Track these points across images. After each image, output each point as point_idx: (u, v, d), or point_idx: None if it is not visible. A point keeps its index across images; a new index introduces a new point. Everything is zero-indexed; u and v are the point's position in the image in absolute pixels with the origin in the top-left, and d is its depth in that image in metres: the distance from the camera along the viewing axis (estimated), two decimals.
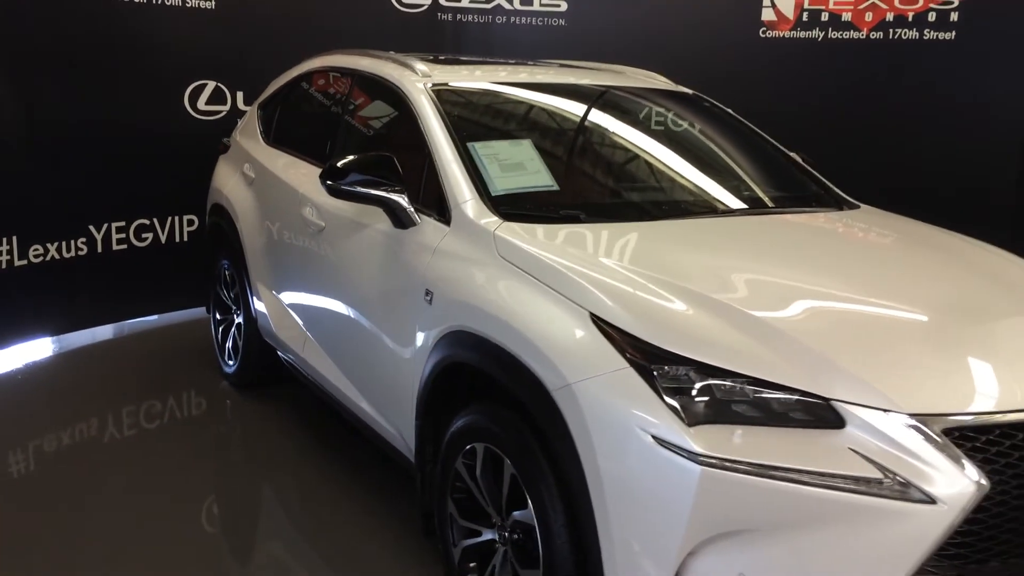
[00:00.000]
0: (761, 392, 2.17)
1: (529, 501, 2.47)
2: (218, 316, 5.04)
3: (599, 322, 2.34)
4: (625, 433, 2.18)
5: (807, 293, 2.59)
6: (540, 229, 2.81)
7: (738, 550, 2.10)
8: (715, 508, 2.08)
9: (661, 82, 4.20)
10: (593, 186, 3.40)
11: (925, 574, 2.06)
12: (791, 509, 2.06)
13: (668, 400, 2.15)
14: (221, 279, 4.93)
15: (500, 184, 3.04)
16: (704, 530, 2.09)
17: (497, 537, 2.69)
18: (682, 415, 2.12)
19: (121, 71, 5.56)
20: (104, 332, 5.83)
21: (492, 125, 3.53)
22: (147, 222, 5.88)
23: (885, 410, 2.11)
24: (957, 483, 2.04)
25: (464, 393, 2.83)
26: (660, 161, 3.54)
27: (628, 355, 2.24)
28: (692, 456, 2.07)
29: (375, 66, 3.82)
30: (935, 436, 2.08)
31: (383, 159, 3.14)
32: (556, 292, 2.48)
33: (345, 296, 3.52)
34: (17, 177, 5.16)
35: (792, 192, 3.58)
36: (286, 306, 4.14)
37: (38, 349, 5.40)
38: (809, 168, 3.82)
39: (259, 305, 4.39)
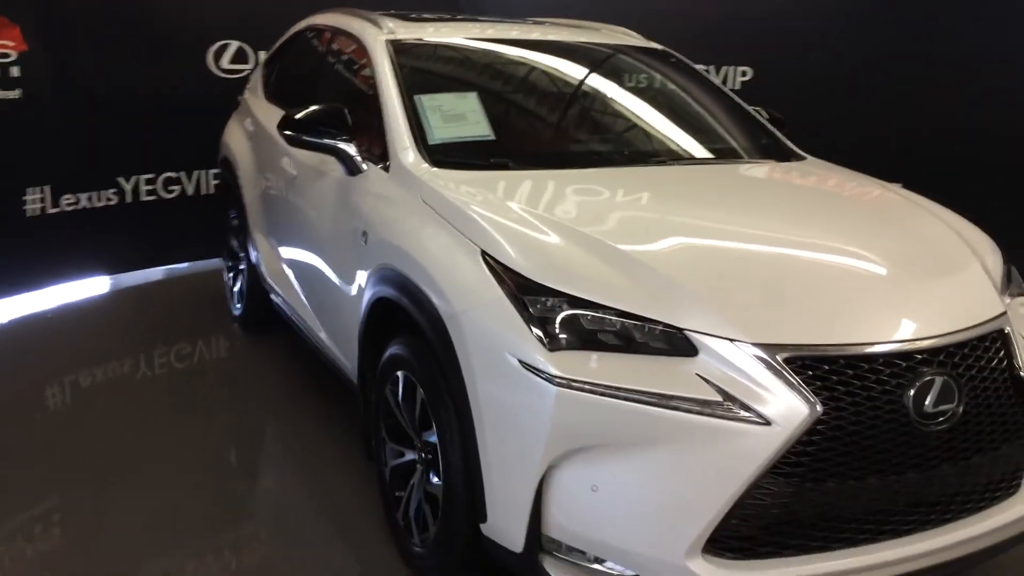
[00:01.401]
0: (625, 322, 2.35)
1: (434, 423, 2.70)
2: (229, 263, 5.37)
3: (487, 258, 2.54)
4: (498, 357, 2.40)
5: (690, 232, 2.77)
6: (461, 175, 3.02)
7: (592, 464, 2.30)
8: (570, 425, 2.28)
9: (633, 38, 4.32)
10: (532, 136, 3.59)
11: (762, 490, 2.23)
12: (637, 427, 2.25)
13: (534, 328, 2.35)
14: (230, 228, 5.25)
15: (438, 134, 3.25)
16: (561, 445, 2.30)
17: (417, 457, 2.93)
18: (545, 342, 2.32)
19: (148, 31, 5.90)
20: (133, 278, 6.23)
21: (445, 78, 3.73)
22: (174, 175, 6.25)
23: (731, 339, 2.28)
24: (791, 407, 2.21)
25: (397, 327, 3.06)
26: (605, 114, 3.71)
27: (506, 287, 2.45)
28: (550, 378, 2.28)
29: (349, 23, 4.04)
30: (775, 364, 2.25)
31: (335, 110, 3.37)
32: (458, 231, 2.70)
33: (310, 239, 3.79)
34: (50, 131, 5.55)
35: (738, 144, 3.70)
36: (274, 251, 4.43)
37: (69, 292, 5.81)
38: (765, 122, 3.92)
39: (256, 251, 4.69)
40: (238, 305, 5.22)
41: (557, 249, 2.55)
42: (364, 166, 3.32)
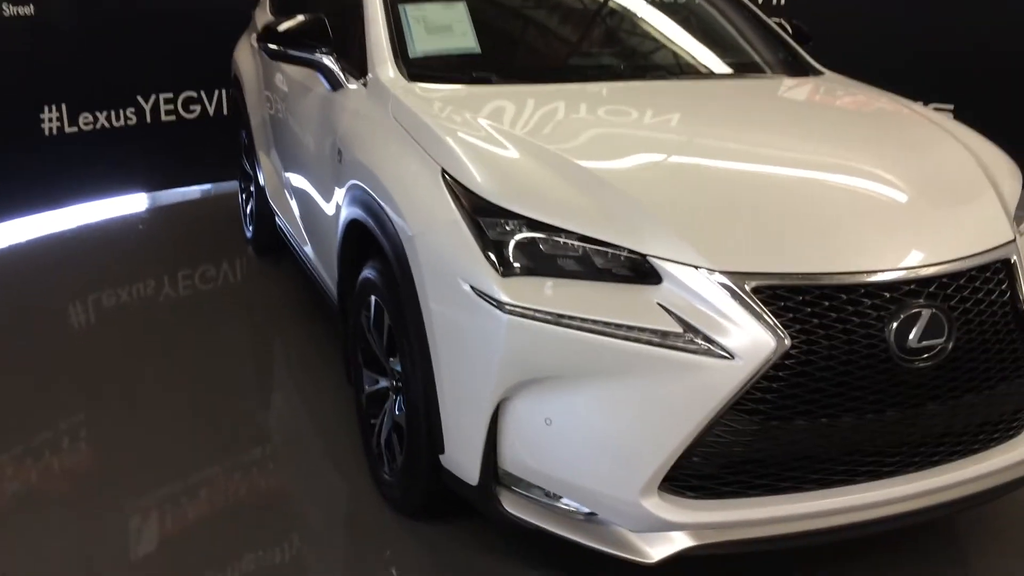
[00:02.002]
0: (586, 247, 2.19)
1: (398, 350, 2.60)
2: (242, 185, 5.30)
3: (446, 177, 2.40)
4: (451, 282, 2.27)
5: (670, 150, 2.59)
6: (438, 90, 2.85)
7: (546, 397, 2.17)
8: (522, 355, 2.16)
9: None
10: (521, 49, 3.39)
11: (723, 427, 2.08)
12: (591, 358, 2.11)
13: (488, 253, 2.21)
14: (242, 149, 5.16)
15: (420, 46, 3.08)
16: (513, 376, 2.17)
17: (389, 385, 2.83)
18: (498, 267, 2.18)
19: None
20: (153, 199, 6.19)
21: None
22: (194, 94, 6.15)
23: (696, 267, 2.11)
24: (756, 340, 2.04)
25: (371, 249, 2.94)
26: (603, 26, 3.49)
27: (462, 208, 2.30)
28: (500, 305, 2.15)
29: None
30: (742, 294, 2.07)
31: (317, 21, 3.21)
32: (422, 149, 2.55)
33: (299, 159, 3.68)
34: (65, 48, 5.48)
35: (749, 58, 3.46)
36: (276, 172, 4.33)
37: (88, 212, 5.79)
38: (784, 36, 3.66)
39: (261, 172, 4.60)
40: (250, 228, 5.15)
41: (519, 168, 2.39)
42: (345, 81, 3.17)
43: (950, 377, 2.21)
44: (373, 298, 2.79)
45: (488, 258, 2.20)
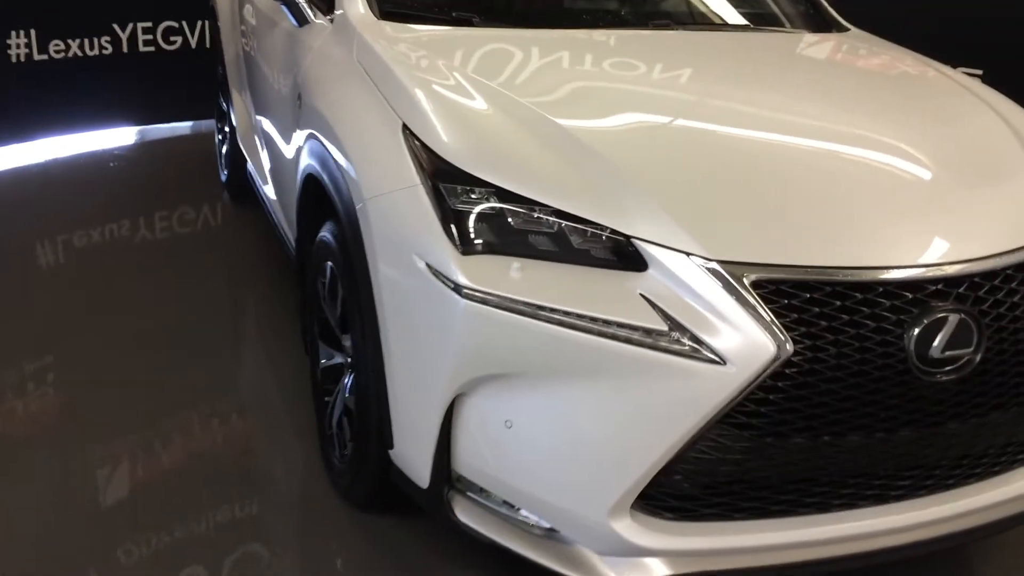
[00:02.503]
0: (562, 224, 1.88)
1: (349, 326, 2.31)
2: (219, 125, 4.98)
3: (407, 133, 2.08)
4: (404, 258, 1.97)
5: (665, 112, 2.25)
6: (410, 31, 2.52)
7: (507, 396, 1.88)
8: (481, 347, 1.86)
9: None
10: None
11: (710, 442, 1.79)
12: (559, 355, 1.81)
13: (448, 225, 1.90)
14: (219, 85, 4.82)
15: None
16: (470, 370, 1.88)
17: (344, 362, 2.55)
18: (457, 243, 1.87)
19: None
20: (129, 135, 5.86)
21: None
22: (175, 24, 5.79)
23: (688, 253, 1.80)
24: (753, 344, 1.73)
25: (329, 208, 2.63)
26: None
27: (422, 172, 1.99)
28: (457, 288, 1.84)
29: None
30: (740, 288, 1.76)
31: None
32: (384, 99, 2.22)
33: (267, 99, 3.36)
34: None
35: (766, 9, 3.11)
36: (247, 112, 4.01)
37: (59, 146, 5.46)
38: None
39: (234, 112, 4.27)
40: (225, 171, 4.83)
41: (491, 128, 2.06)
42: (312, 16, 2.83)
43: (976, 392, 1.91)
44: (329, 264, 2.49)
45: (447, 232, 1.89)
